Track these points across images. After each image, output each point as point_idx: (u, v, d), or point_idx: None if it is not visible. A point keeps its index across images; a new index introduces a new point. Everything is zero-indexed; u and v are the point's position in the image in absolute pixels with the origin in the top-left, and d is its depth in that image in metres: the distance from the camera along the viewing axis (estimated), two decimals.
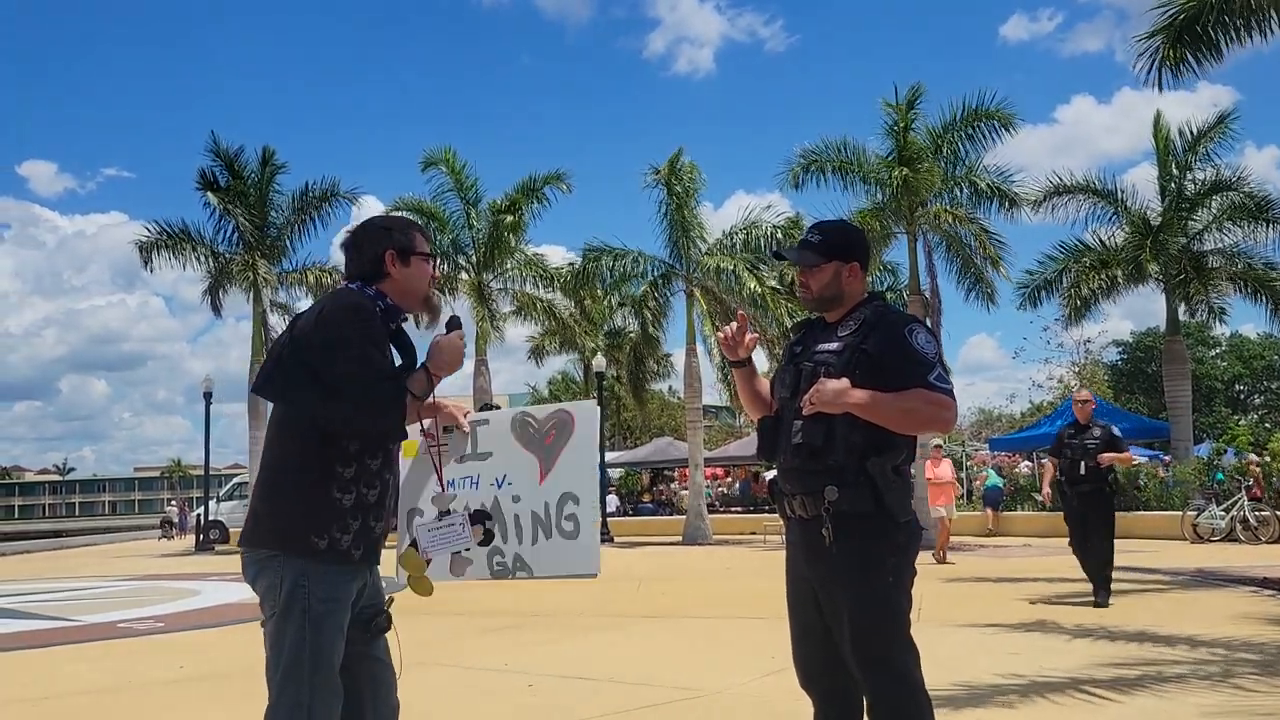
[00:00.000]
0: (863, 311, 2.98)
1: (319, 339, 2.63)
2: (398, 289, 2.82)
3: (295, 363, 2.66)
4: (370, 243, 2.83)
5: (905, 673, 2.84)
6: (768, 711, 5.11)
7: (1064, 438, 9.24)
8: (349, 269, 2.87)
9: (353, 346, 2.60)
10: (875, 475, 2.82)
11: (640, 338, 25.02)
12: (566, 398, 48.24)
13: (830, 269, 3.01)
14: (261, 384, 2.72)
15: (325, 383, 2.60)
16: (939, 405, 2.81)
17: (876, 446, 2.83)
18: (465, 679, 6.17)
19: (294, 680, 2.59)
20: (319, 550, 2.61)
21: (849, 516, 2.82)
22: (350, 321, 2.64)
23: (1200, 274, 22.84)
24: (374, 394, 2.61)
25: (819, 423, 2.84)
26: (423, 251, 2.88)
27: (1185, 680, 5.59)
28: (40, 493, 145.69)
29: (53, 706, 5.97)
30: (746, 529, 24.20)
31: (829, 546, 2.84)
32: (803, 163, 20.07)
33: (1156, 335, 37.79)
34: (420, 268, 2.87)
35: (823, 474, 2.84)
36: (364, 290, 2.78)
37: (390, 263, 2.81)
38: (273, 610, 2.64)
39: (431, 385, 2.78)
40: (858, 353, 2.87)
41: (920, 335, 2.89)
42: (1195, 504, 18.35)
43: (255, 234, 24.56)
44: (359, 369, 2.59)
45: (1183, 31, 11.55)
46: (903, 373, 2.81)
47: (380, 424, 2.65)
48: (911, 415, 2.82)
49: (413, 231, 2.90)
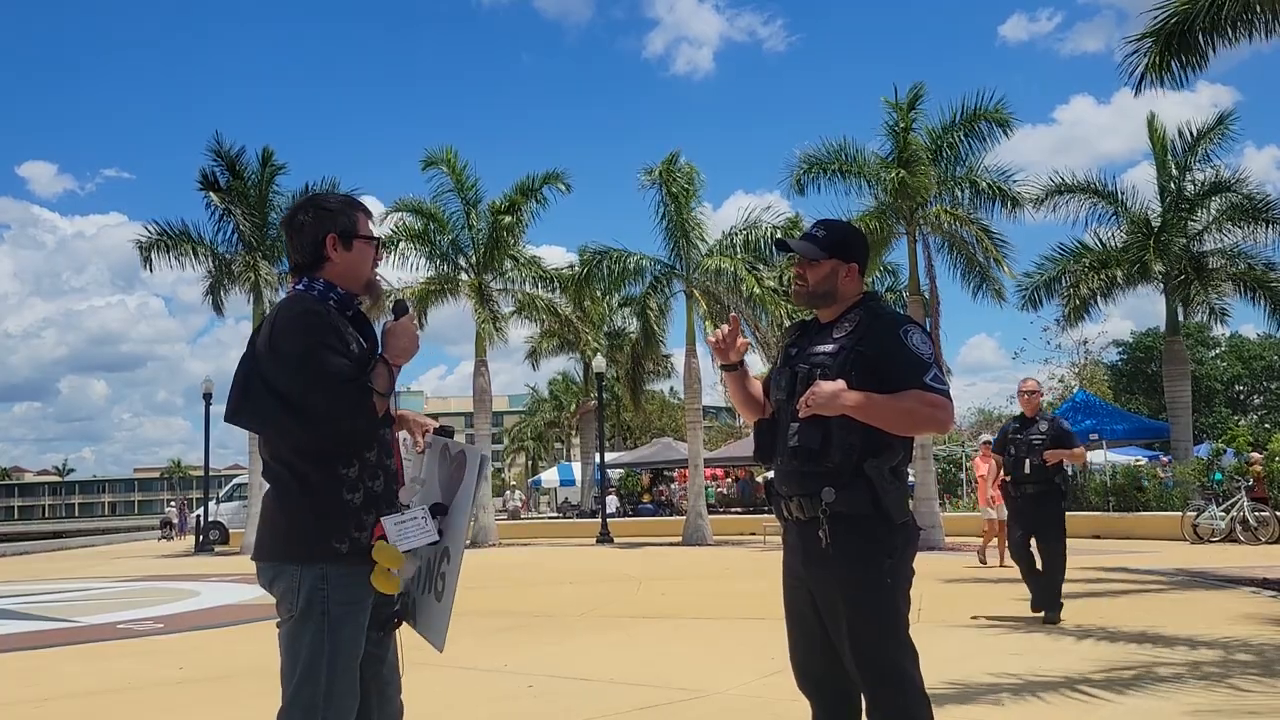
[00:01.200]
0: (857, 313, 2.98)
1: (277, 358, 2.59)
2: (340, 274, 2.74)
3: (260, 386, 2.61)
4: (311, 225, 2.74)
5: (904, 674, 2.83)
6: (767, 712, 5.12)
7: (1009, 433, 8.42)
8: (290, 254, 2.79)
9: (309, 359, 2.55)
10: (873, 477, 2.82)
11: (640, 338, 25.02)
12: (567, 399, 48.27)
13: (829, 265, 3.01)
14: (233, 414, 2.68)
15: (293, 401, 2.56)
16: (935, 406, 2.81)
17: (874, 448, 2.83)
18: (465, 680, 6.17)
19: (311, 682, 2.57)
20: (342, 555, 2.59)
21: (846, 518, 2.82)
22: (301, 332, 2.58)
23: (1200, 275, 22.85)
24: (339, 402, 2.56)
25: (816, 425, 2.83)
26: (365, 234, 2.79)
27: (1181, 680, 5.59)
28: (40, 494, 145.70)
29: (53, 708, 5.97)
30: (746, 530, 24.21)
31: (826, 548, 2.84)
32: (804, 167, 20.08)
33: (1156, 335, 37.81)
34: (363, 251, 2.77)
35: (820, 476, 2.85)
36: (312, 287, 2.72)
37: (331, 247, 2.72)
38: (290, 613, 2.61)
39: (393, 376, 2.71)
40: (853, 354, 2.87)
41: (915, 336, 2.88)
42: (1195, 505, 18.36)
43: (256, 234, 24.55)
44: (318, 379, 2.54)
45: (1171, 37, 11.53)
46: (899, 374, 2.81)
47: (351, 429, 2.61)
48: (908, 416, 2.82)
49: (355, 213, 2.78)
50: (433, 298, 25.20)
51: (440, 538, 2.72)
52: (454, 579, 2.71)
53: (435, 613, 2.76)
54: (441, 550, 2.75)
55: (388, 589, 2.65)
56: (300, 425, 2.57)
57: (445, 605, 2.72)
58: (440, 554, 2.75)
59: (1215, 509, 17.44)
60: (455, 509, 2.76)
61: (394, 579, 2.65)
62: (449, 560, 2.73)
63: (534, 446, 61.23)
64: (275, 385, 2.59)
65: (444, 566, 2.74)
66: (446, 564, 2.74)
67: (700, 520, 22.73)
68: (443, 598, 2.73)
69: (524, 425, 61.43)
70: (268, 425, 2.66)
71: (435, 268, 25.37)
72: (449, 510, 2.76)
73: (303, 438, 2.60)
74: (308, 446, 2.62)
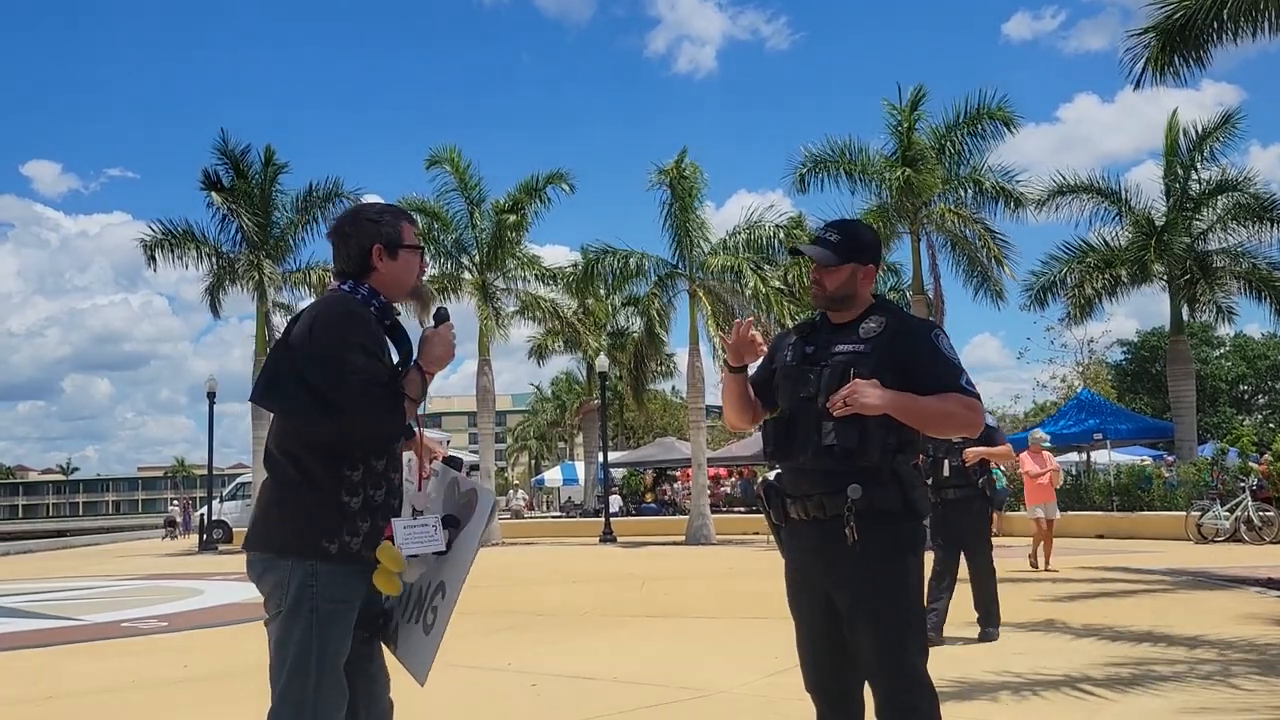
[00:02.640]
0: (881, 314, 2.98)
1: (313, 351, 2.60)
2: (385, 283, 2.77)
3: (291, 374, 2.63)
4: (357, 235, 2.77)
5: (921, 674, 2.85)
6: (771, 711, 5.12)
7: None
8: (336, 263, 2.83)
9: (346, 358, 2.57)
10: (902, 473, 2.86)
11: (643, 338, 25.02)
12: (570, 398, 48.30)
13: (848, 270, 2.99)
14: (260, 395, 2.69)
15: (322, 395, 2.57)
16: (973, 410, 2.89)
17: (902, 446, 2.88)
18: (469, 679, 6.17)
19: (299, 679, 2.58)
20: (330, 554, 2.60)
21: (873, 515, 2.82)
22: (342, 331, 2.61)
23: (1205, 274, 22.83)
24: (371, 403, 2.58)
25: (853, 424, 2.82)
26: (411, 244, 2.82)
27: (1183, 679, 5.60)
28: (44, 492, 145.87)
29: (57, 706, 5.99)
30: (749, 529, 24.20)
31: (853, 545, 2.81)
32: (807, 165, 20.07)
33: (1161, 335, 37.74)
34: (408, 261, 2.81)
35: (848, 474, 2.84)
36: (356, 290, 2.75)
37: (378, 257, 2.76)
38: (279, 609, 2.62)
39: (425, 383, 2.74)
40: (886, 355, 2.88)
41: (945, 341, 2.94)
42: (1199, 504, 18.33)
43: (259, 234, 24.59)
44: (354, 380, 2.56)
45: (1174, 32, 11.50)
46: (934, 377, 2.86)
47: (379, 431, 2.63)
48: (949, 418, 2.88)
49: (401, 223, 2.82)
50: (437, 297, 25.22)
51: (447, 550, 2.72)
52: (446, 615, 2.69)
53: (421, 645, 2.74)
54: (437, 584, 2.74)
55: (389, 589, 2.65)
56: (327, 420, 2.58)
57: (433, 639, 2.71)
58: (435, 587, 2.74)
59: (1220, 509, 17.40)
60: (459, 548, 2.75)
61: (395, 581, 2.65)
62: (443, 595, 2.71)
63: (537, 446, 61.28)
64: (308, 378, 2.60)
65: (437, 600, 2.72)
66: (440, 599, 2.71)
67: (703, 519, 22.73)
68: (431, 631, 2.71)
69: (527, 424, 61.48)
70: (294, 413, 2.66)
71: (439, 266, 25.41)
72: (452, 549, 2.74)
73: (325, 433, 2.61)
74: (321, 442, 2.63)
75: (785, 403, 3.05)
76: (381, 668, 2.83)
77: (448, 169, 24.95)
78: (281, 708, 2.60)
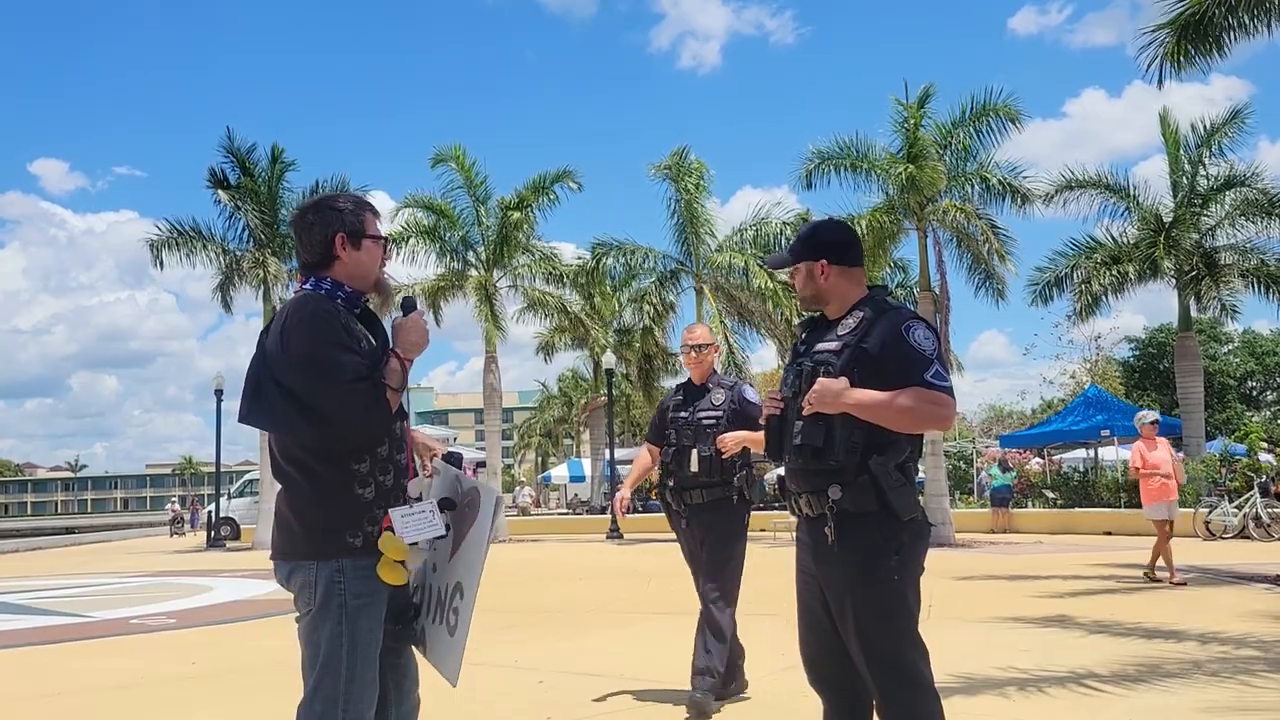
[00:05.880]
0: (863, 309, 2.98)
1: (288, 358, 2.60)
2: (349, 274, 2.76)
3: (272, 387, 2.62)
4: (320, 224, 2.76)
5: (914, 671, 2.83)
6: (778, 708, 5.13)
7: (667, 409, 5.40)
8: (299, 253, 2.82)
9: (321, 359, 2.56)
10: (878, 474, 2.81)
11: (650, 334, 25.02)
12: (576, 395, 48.28)
13: (802, 269, 3.05)
14: (245, 415, 2.69)
15: (305, 402, 2.57)
16: (936, 403, 2.79)
17: (878, 445, 2.82)
18: (475, 675, 6.16)
19: (331, 674, 2.60)
20: (355, 549, 2.62)
21: (852, 515, 2.83)
22: (312, 332, 2.60)
23: (1212, 270, 22.75)
24: (353, 400, 2.57)
25: (818, 423, 2.84)
26: (374, 234, 2.81)
27: (1190, 675, 5.59)
28: (52, 489, 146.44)
29: (66, 702, 6.00)
30: (755, 526, 24.14)
31: (832, 545, 2.85)
32: (813, 162, 20.02)
33: (1169, 331, 37.60)
34: (371, 251, 2.79)
35: (826, 474, 2.86)
36: (319, 286, 2.74)
37: (340, 246, 2.75)
38: (308, 607, 2.64)
39: (405, 370, 2.73)
40: (856, 351, 2.87)
41: (918, 332, 2.86)
42: (1208, 501, 18.27)
43: (266, 231, 24.63)
44: (335, 381, 2.55)
45: (1188, 27, 11.47)
46: (900, 370, 2.80)
47: (366, 426, 2.62)
48: (908, 414, 2.79)
49: (364, 212, 2.80)
50: (443, 293, 25.26)
51: (447, 532, 2.73)
52: (468, 614, 2.71)
53: (448, 646, 2.77)
54: (454, 585, 2.76)
55: (394, 580, 2.66)
56: (312, 426, 2.58)
57: (458, 640, 2.73)
58: (454, 589, 2.76)
59: (1228, 505, 17.36)
60: (470, 546, 2.77)
61: (401, 570, 2.66)
62: (462, 596, 2.74)
63: (543, 443, 61.28)
64: (287, 385, 2.60)
65: (457, 601, 2.75)
66: (460, 599, 2.74)
67: None
68: (455, 632, 2.74)
69: (534, 421, 61.47)
70: (280, 426, 2.67)
71: (445, 264, 25.43)
72: (462, 547, 2.76)
73: (314, 437, 2.61)
74: (319, 445, 2.63)
75: (780, 400, 3.12)
76: (412, 662, 2.86)
77: (453, 166, 24.97)
78: (314, 702, 2.61)
